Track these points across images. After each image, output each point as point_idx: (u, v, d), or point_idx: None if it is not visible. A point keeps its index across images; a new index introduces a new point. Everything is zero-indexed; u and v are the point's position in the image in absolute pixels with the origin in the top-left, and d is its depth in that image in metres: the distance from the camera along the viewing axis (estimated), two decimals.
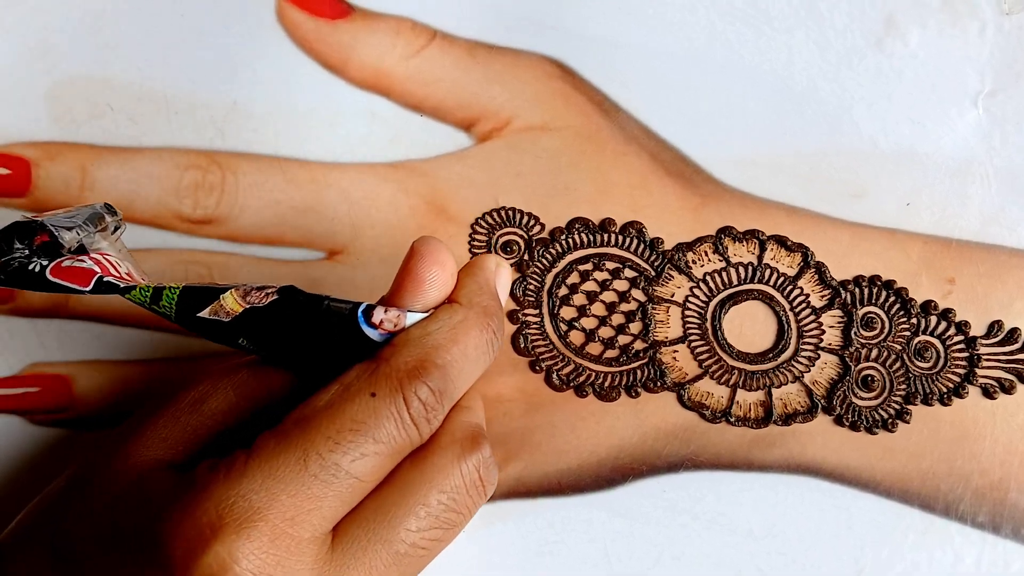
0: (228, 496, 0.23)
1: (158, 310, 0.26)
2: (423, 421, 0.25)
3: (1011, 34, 0.34)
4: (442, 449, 0.26)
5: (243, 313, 0.26)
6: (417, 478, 0.25)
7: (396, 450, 0.25)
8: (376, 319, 0.25)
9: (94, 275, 0.27)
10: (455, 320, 0.26)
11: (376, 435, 0.24)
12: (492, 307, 0.27)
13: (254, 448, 0.24)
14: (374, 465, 0.24)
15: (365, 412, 0.24)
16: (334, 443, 0.24)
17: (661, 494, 0.33)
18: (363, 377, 0.25)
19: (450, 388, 0.26)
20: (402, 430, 0.25)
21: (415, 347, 0.25)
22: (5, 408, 0.34)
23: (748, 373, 0.34)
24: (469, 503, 0.26)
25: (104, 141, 0.35)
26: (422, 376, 0.25)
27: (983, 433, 0.33)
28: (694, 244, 0.34)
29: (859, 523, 0.33)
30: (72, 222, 0.28)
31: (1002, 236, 0.33)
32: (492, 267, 0.29)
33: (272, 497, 0.23)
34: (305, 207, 0.34)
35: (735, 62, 0.34)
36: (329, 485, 0.24)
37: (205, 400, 0.27)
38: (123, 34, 0.35)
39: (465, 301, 0.27)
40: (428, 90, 0.34)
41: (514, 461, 0.33)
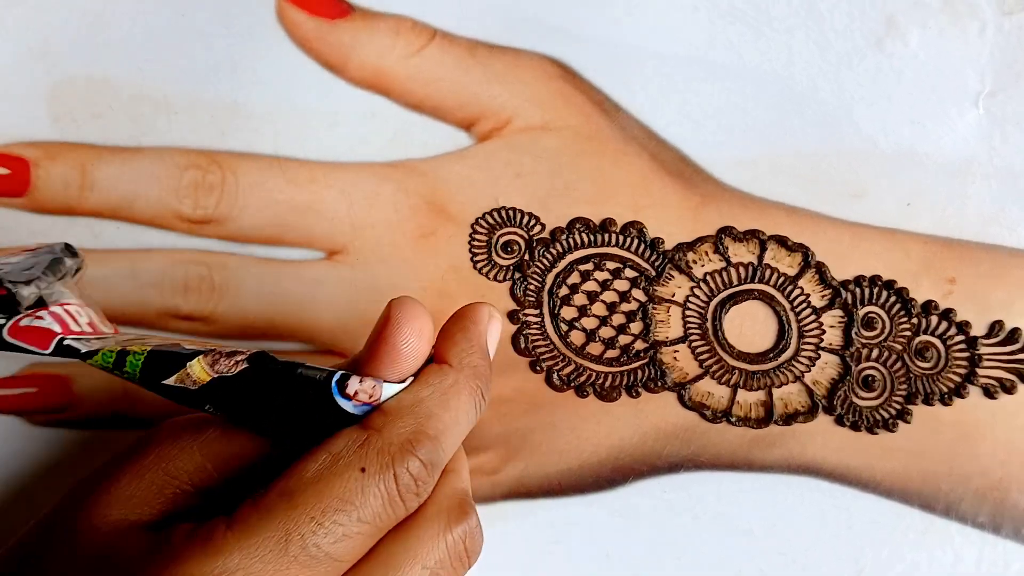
0: (203, 572, 0.22)
1: (120, 374, 0.26)
2: (411, 496, 0.24)
3: (1011, 34, 0.34)
4: (427, 521, 0.25)
5: (211, 382, 0.25)
6: (401, 553, 0.24)
7: (380, 528, 0.24)
8: (351, 390, 0.25)
9: (54, 336, 0.26)
10: (446, 385, 0.25)
11: (362, 514, 0.23)
12: (481, 368, 0.27)
13: (234, 519, 0.23)
14: (356, 544, 0.23)
15: (353, 490, 0.23)
16: (317, 524, 0.23)
17: (662, 494, 0.33)
18: (352, 449, 0.24)
19: (440, 458, 0.25)
20: (389, 507, 0.24)
21: (408, 417, 0.25)
22: (5, 408, 0.34)
23: (749, 373, 0.34)
24: (452, 574, 0.25)
25: (104, 141, 0.35)
26: (414, 449, 0.24)
27: (984, 433, 0.33)
28: (695, 244, 0.34)
29: (859, 523, 0.33)
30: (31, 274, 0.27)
31: (1002, 236, 0.33)
32: (484, 319, 0.28)
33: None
34: (305, 207, 0.34)
35: (735, 62, 0.34)
36: (308, 568, 0.23)
37: (171, 460, 0.25)
38: (123, 34, 0.35)
39: (455, 362, 0.26)
40: (428, 90, 0.34)
41: (514, 461, 0.33)
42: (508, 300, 0.34)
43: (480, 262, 0.34)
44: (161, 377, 0.25)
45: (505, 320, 0.27)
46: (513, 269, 0.34)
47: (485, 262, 0.34)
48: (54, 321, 0.26)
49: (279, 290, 0.34)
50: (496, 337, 0.28)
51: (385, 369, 0.25)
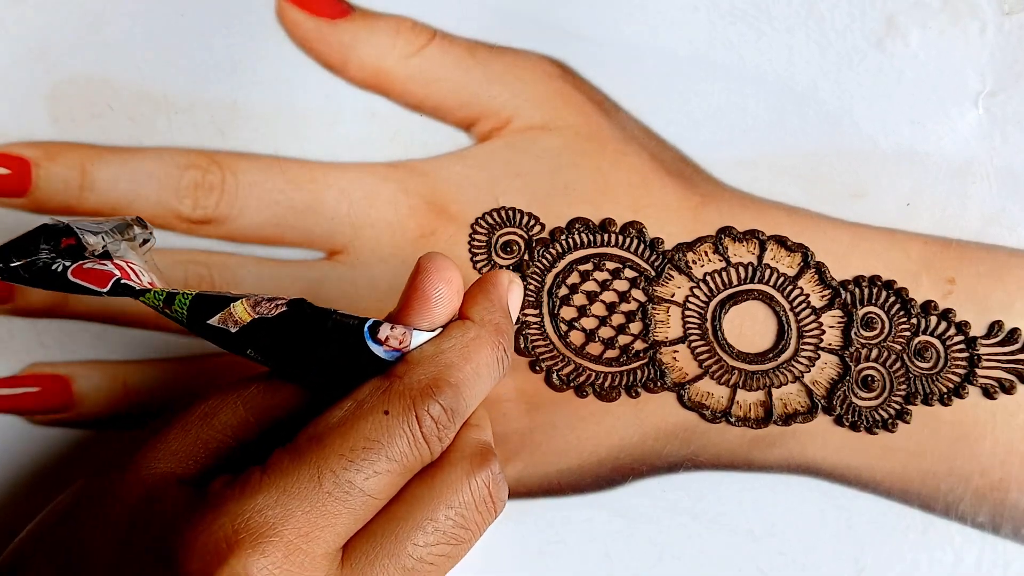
0: (243, 511, 0.23)
1: (171, 315, 0.27)
2: (435, 439, 0.25)
3: (1011, 34, 0.34)
4: (451, 465, 0.26)
5: (251, 323, 0.26)
6: (426, 494, 0.25)
7: (408, 467, 0.25)
8: (382, 336, 0.26)
9: (112, 277, 0.27)
10: (468, 338, 0.27)
11: (389, 453, 0.24)
12: (503, 325, 0.28)
13: (268, 464, 0.24)
14: (387, 482, 0.24)
15: (378, 430, 0.24)
16: (348, 461, 0.24)
17: (661, 494, 0.33)
18: (376, 394, 0.25)
19: (461, 406, 0.26)
20: (414, 448, 0.25)
21: (428, 365, 0.26)
22: (5, 408, 0.34)
23: (748, 373, 0.34)
24: (478, 519, 0.26)
25: (104, 141, 0.35)
26: (435, 394, 0.25)
27: (983, 433, 0.33)
28: (694, 244, 0.34)
29: (859, 523, 0.33)
30: (99, 228, 0.28)
31: (1002, 236, 0.33)
32: (505, 283, 0.29)
33: (287, 513, 0.23)
34: (305, 207, 0.34)
35: (736, 62, 0.34)
36: (343, 502, 0.24)
37: (215, 414, 0.27)
38: (123, 34, 0.35)
39: (477, 318, 0.27)
40: (428, 90, 0.34)
41: (514, 461, 0.33)
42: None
43: (480, 262, 0.34)
44: (206, 317, 0.26)
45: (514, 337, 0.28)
46: (513, 269, 0.34)
47: (485, 262, 0.34)
48: (115, 269, 0.27)
49: (279, 290, 0.34)
50: (517, 302, 0.30)
51: (416, 317, 0.27)
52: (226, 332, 0.26)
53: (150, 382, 0.34)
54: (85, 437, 0.34)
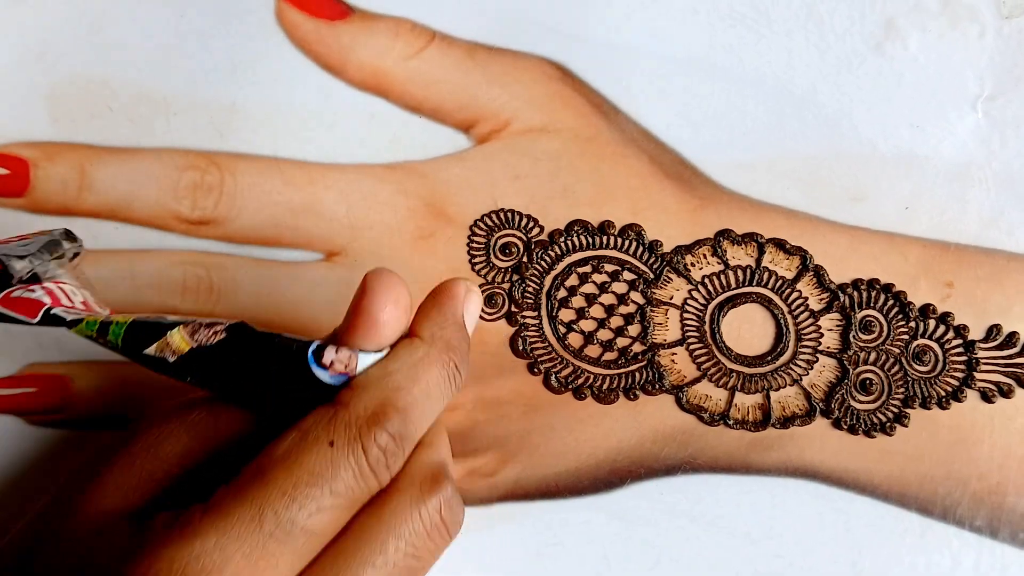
0: (181, 557, 0.22)
1: (104, 344, 0.26)
2: (382, 468, 0.24)
3: (1011, 38, 0.34)
4: (400, 493, 0.25)
5: (189, 352, 0.25)
6: (374, 526, 0.24)
7: (354, 500, 0.24)
8: (327, 360, 0.25)
9: (42, 307, 0.26)
10: (415, 358, 0.25)
11: (334, 487, 0.23)
12: (454, 340, 0.26)
13: (210, 504, 0.23)
14: (331, 518, 0.23)
15: (322, 463, 0.23)
16: (290, 499, 0.23)
17: (659, 497, 0.33)
18: (321, 424, 0.24)
19: (410, 431, 0.25)
20: (360, 480, 0.24)
21: (375, 390, 0.24)
22: (3, 408, 0.34)
23: (746, 376, 0.34)
24: (431, 546, 0.25)
25: (103, 141, 0.35)
26: (381, 422, 0.24)
27: (981, 437, 0.33)
28: (693, 247, 0.34)
29: (857, 526, 0.33)
30: (26, 250, 0.27)
31: (1001, 240, 0.33)
32: (460, 294, 0.27)
33: (226, 558, 0.22)
34: (303, 208, 0.34)
35: (735, 65, 0.34)
36: (284, 543, 0.23)
37: (159, 444, 0.26)
38: (122, 34, 0.35)
39: (427, 335, 0.26)
40: (427, 91, 0.34)
41: (512, 463, 0.33)
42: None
43: (479, 264, 0.34)
44: (142, 347, 0.25)
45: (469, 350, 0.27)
46: (511, 271, 0.34)
47: (483, 264, 0.34)
48: (45, 294, 0.26)
49: (277, 291, 0.34)
50: (475, 312, 0.28)
51: (362, 339, 0.25)
52: (164, 362, 0.25)
53: (148, 383, 0.34)
54: (83, 437, 0.34)
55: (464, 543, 0.33)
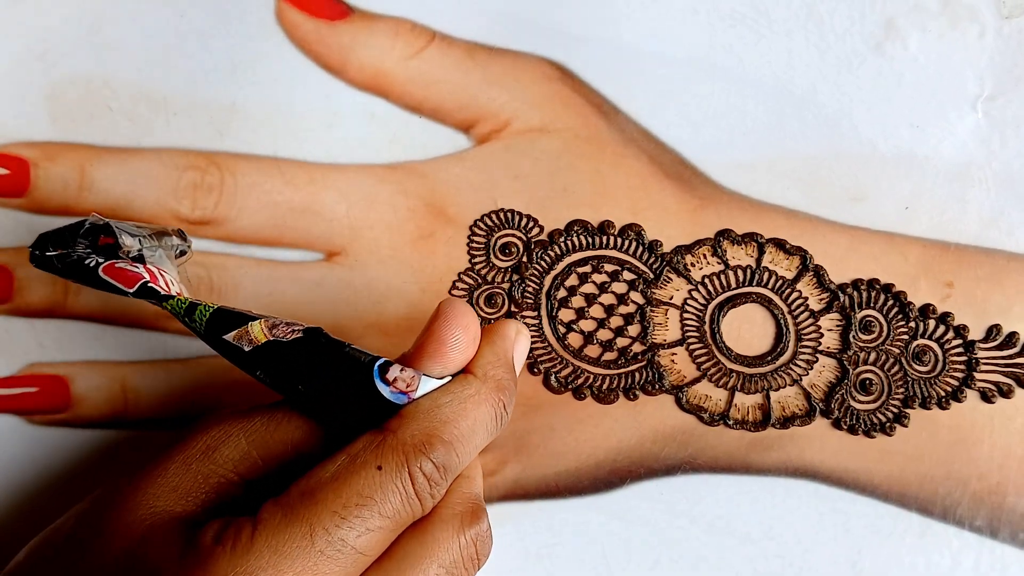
0: (234, 573, 0.23)
1: (189, 324, 0.27)
2: (427, 496, 0.25)
3: (1011, 38, 0.34)
4: (443, 523, 0.26)
5: (265, 344, 0.26)
6: (418, 551, 0.25)
7: (400, 523, 0.25)
8: (391, 376, 0.26)
9: (140, 279, 0.27)
10: (467, 394, 0.26)
11: (382, 510, 0.24)
12: (505, 381, 0.27)
13: (259, 520, 0.24)
14: (378, 539, 0.24)
15: (371, 486, 0.24)
16: (340, 518, 0.23)
17: (659, 497, 0.33)
18: (369, 449, 0.25)
19: (454, 463, 0.26)
20: (406, 504, 0.25)
21: (423, 420, 0.25)
22: (3, 408, 0.34)
23: (746, 376, 0.34)
24: (464, 574, 0.26)
25: (103, 141, 0.35)
26: (428, 451, 0.25)
27: (981, 437, 0.33)
28: (693, 247, 0.34)
29: (857, 526, 0.33)
30: (138, 231, 0.29)
31: (1001, 240, 0.33)
32: (512, 335, 0.29)
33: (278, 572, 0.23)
34: (303, 208, 0.34)
35: (735, 65, 0.34)
36: (335, 561, 0.23)
37: (217, 447, 0.26)
38: (123, 34, 0.35)
39: (480, 373, 0.27)
40: (427, 91, 0.34)
41: (512, 463, 0.33)
42: None
43: (478, 264, 0.34)
44: (223, 332, 0.26)
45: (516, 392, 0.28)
46: (511, 271, 0.34)
47: (483, 264, 0.34)
48: (145, 272, 0.28)
49: (277, 291, 0.34)
50: (524, 353, 0.30)
51: (429, 362, 0.27)
52: (239, 350, 0.26)
53: (148, 383, 0.34)
54: (83, 437, 0.34)
55: None
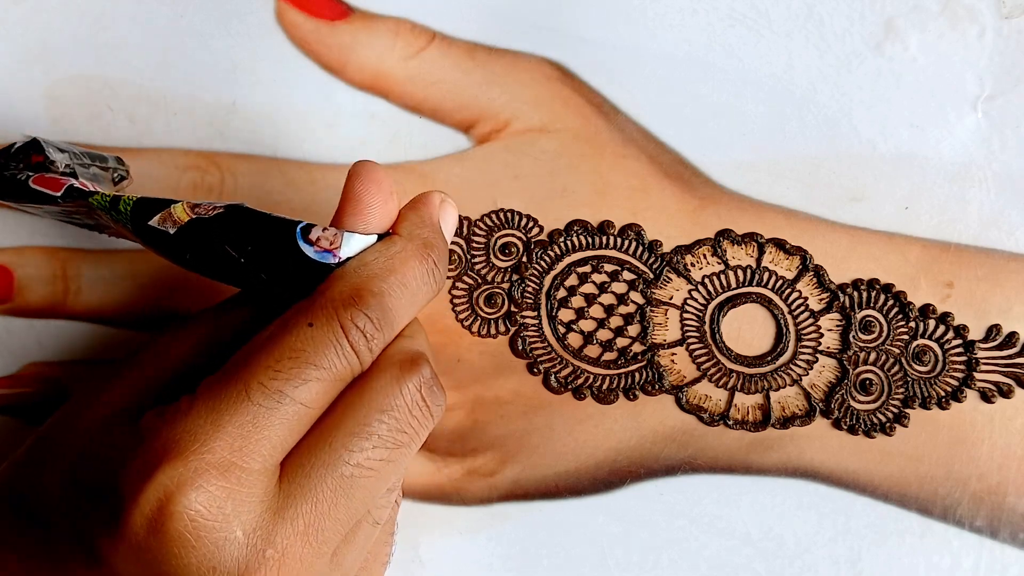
0: (175, 435, 0.23)
1: (116, 217, 0.27)
2: (363, 348, 0.25)
3: (1011, 38, 0.34)
4: (380, 372, 0.26)
5: (189, 223, 0.26)
6: (357, 401, 0.25)
7: (337, 377, 0.25)
8: (314, 236, 0.26)
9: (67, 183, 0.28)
10: (392, 251, 0.27)
11: (317, 361, 0.24)
12: (432, 239, 0.28)
13: (198, 391, 0.24)
14: (317, 391, 0.24)
15: (303, 341, 0.24)
16: (275, 371, 0.24)
17: (659, 497, 0.33)
18: (300, 310, 0.25)
19: (389, 316, 0.26)
20: (342, 357, 0.25)
21: (351, 277, 0.26)
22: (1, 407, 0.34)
23: (746, 376, 0.34)
24: (414, 423, 0.26)
25: (103, 142, 0.35)
26: (358, 304, 0.25)
27: (981, 437, 0.33)
28: (693, 247, 0.34)
29: (857, 527, 0.33)
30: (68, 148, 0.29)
31: (1001, 240, 0.33)
32: (436, 202, 0.29)
33: (217, 428, 0.23)
34: (304, 208, 0.34)
35: (734, 65, 0.34)
36: (274, 412, 0.23)
37: (166, 350, 0.27)
38: (123, 35, 0.35)
39: (405, 233, 0.27)
40: (427, 92, 0.34)
41: (511, 463, 0.33)
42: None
43: (479, 264, 0.34)
44: (147, 218, 0.26)
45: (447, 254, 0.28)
46: (511, 271, 0.34)
47: (483, 264, 0.34)
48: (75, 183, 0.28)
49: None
50: (452, 220, 0.30)
51: (349, 220, 0.27)
52: (165, 234, 0.26)
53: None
54: None
55: (464, 543, 0.33)
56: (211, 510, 0.23)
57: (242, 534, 0.23)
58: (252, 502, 0.23)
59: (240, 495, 0.23)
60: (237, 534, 0.23)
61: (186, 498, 0.22)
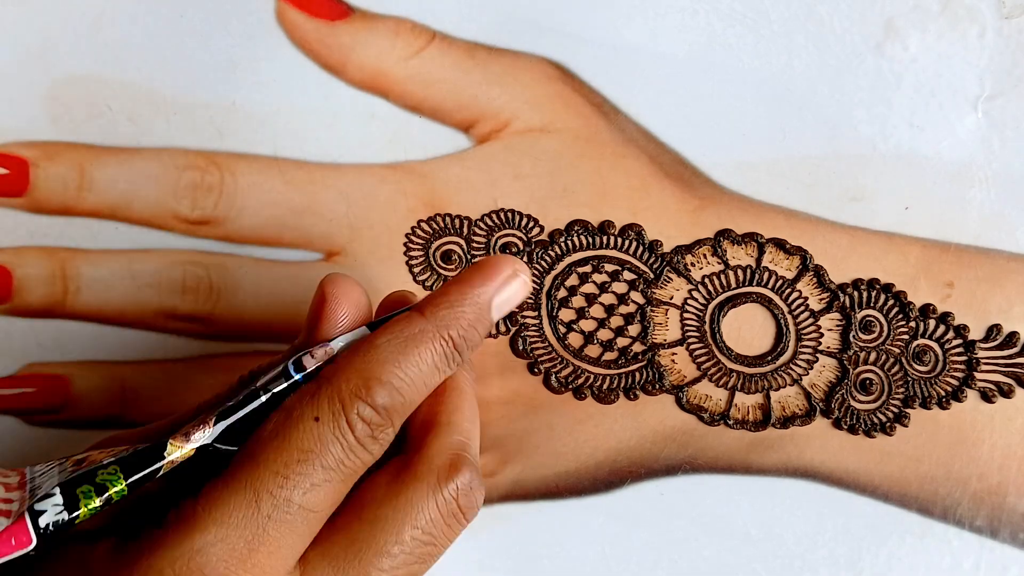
0: (184, 554, 0.22)
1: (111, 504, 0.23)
2: (370, 441, 0.24)
3: (1011, 38, 0.34)
4: (417, 481, 0.25)
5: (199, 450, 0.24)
6: (390, 516, 0.24)
7: (348, 474, 0.24)
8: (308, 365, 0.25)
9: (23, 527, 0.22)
10: (407, 333, 0.25)
11: (324, 462, 0.23)
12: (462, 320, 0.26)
13: (201, 495, 0.23)
14: (326, 493, 0.23)
15: (310, 440, 0.23)
16: (283, 478, 0.23)
17: (659, 497, 0.33)
18: (304, 401, 0.24)
19: (399, 403, 0.24)
20: (350, 453, 0.24)
21: (359, 363, 0.24)
22: (2, 408, 0.34)
23: (747, 376, 0.34)
24: (447, 533, 0.25)
25: (103, 141, 0.35)
26: (365, 395, 0.24)
27: (981, 437, 0.33)
28: (693, 247, 0.34)
29: (857, 527, 0.33)
30: None
31: (1001, 240, 0.33)
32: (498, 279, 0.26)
33: (229, 548, 0.22)
34: (303, 208, 0.34)
35: (735, 65, 0.34)
36: (285, 524, 0.23)
37: None
38: (122, 34, 0.35)
39: (428, 312, 0.25)
40: (427, 91, 0.34)
41: (512, 463, 0.33)
42: None
43: None
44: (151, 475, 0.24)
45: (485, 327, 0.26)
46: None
47: None
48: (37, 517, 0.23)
49: (277, 291, 0.34)
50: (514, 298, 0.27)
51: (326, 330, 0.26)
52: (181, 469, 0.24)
53: (147, 383, 0.34)
54: (82, 438, 0.34)
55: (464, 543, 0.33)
56: None
57: None
58: None
59: None
60: None
61: None
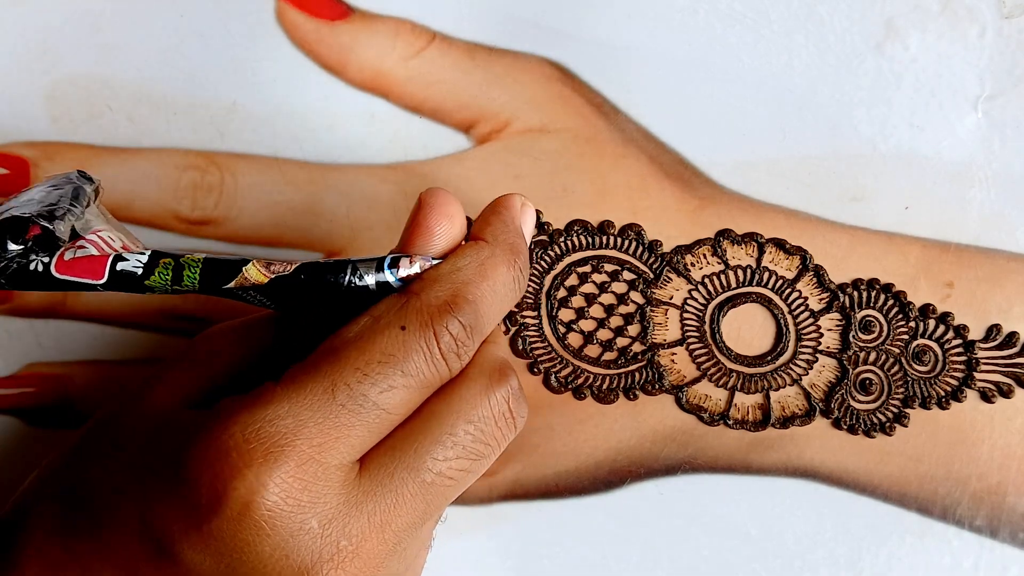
0: (255, 421, 0.23)
1: (180, 289, 0.26)
2: (453, 356, 0.25)
3: (1011, 38, 0.34)
4: (470, 381, 0.26)
5: (270, 283, 0.25)
6: (445, 409, 0.25)
7: (425, 384, 0.25)
8: (403, 272, 0.26)
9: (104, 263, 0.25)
10: (483, 256, 0.26)
11: (405, 368, 0.24)
12: (518, 244, 0.27)
13: (283, 378, 0.24)
14: (402, 398, 0.24)
15: (394, 345, 0.24)
16: (363, 374, 0.24)
17: (659, 497, 0.33)
18: (393, 310, 0.25)
19: (480, 323, 0.26)
20: (431, 364, 0.25)
21: (445, 282, 0.25)
22: (2, 408, 0.34)
23: (746, 376, 0.34)
24: (498, 434, 0.26)
25: (103, 141, 0.35)
26: (453, 311, 0.25)
27: (981, 437, 0.33)
28: (693, 247, 0.34)
29: (856, 527, 0.33)
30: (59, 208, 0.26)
31: (1001, 240, 0.33)
32: (517, 206, 0.29)
33: (299, 423, 0.23)
34: (303, 208, 0.34)
35: (735, 65, 0.34)
36: (356, 415, 0.23)
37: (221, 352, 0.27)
38: (123, 34, 0.35)
39: (491, 238, 0.27)
40: (427, 92, 0.34)
41: (512, 463, 0.33)
42: None
43: None
44: (220, 283, 0.26)
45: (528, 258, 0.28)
46: None
47: None
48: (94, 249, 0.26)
49: None
50: (531, 222, 0.29)
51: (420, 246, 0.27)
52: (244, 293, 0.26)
53: None
54: None
55: (463, 543, 0.33)
56: (287, 500, 0.23)
57: (317, 524, 0.23)
58: (329, 495, 0.23)
59: (317, 488, 0.23)
60: (312, 524, 0.23)
61: (265, 488, 0.22)
